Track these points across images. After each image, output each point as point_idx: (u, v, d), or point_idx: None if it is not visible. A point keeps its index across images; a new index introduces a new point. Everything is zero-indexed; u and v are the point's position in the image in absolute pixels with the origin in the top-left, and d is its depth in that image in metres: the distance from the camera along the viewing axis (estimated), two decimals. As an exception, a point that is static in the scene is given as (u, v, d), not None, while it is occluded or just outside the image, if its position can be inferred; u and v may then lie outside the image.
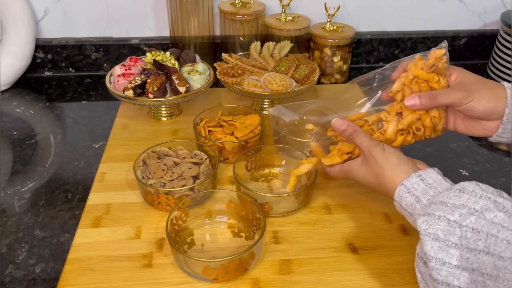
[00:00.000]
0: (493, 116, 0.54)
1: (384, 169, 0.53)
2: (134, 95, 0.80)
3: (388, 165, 0.53)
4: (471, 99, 0.53)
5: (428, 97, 0.55)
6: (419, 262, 0.46)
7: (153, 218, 0.65)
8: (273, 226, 0.64)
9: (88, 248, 0.60)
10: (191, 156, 0.72)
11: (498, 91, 0.53)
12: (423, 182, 0.50)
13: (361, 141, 0.56)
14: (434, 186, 0.49)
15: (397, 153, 0.55)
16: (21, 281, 0.57)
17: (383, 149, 0.55)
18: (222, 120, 0.80)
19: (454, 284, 0.42)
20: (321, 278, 0.57)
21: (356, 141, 0.57)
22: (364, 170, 0.56)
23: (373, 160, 0.55)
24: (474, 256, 0.41)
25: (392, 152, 0.54)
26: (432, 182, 0.50)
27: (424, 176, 0.51)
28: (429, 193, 0.49)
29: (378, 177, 0.54)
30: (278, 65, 0.87)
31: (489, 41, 1.12)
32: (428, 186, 0.50)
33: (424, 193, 0.49)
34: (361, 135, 0.56)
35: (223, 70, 0.86)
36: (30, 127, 0.87)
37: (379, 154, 0.54)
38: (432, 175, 0.51)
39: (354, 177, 0.58)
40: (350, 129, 0.57)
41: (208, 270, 0.54)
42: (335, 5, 1.01)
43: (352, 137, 0.57)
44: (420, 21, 1.10)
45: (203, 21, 0.97)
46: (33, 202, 0.69)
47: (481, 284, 0.40)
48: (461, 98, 0.53)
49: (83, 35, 1.04)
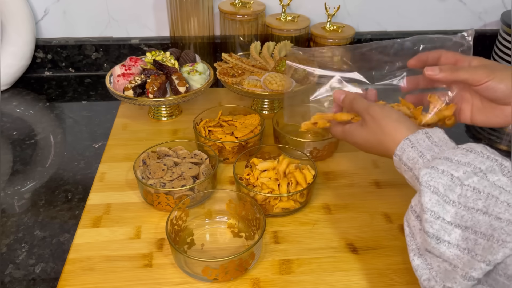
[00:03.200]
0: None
1: (383, 125, 0.52)
2: (134, 95, 0.80)
3: (389, 121, 0.52)
4: (492, 77, 0.52)
5: (449, 69, 0.54)
6: (411, 215, 0.46)
7: (153, 218, 0.65)
8: (273, 226, 0.64)
9: (88, 248, 0.60)
10: (191, 156, 0.72)
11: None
12: (429, 139, 0.49)
13: (359, 105, 0.56)
14: (440, 145, 0.48)
15: (398, 111, 0.54)
16: (21, 281, 0.57)
17: (382, 107, 0.54)
18: (222, 120, 0.80)
19: (444, 239, 0.41)
20: (321, 278, 0.57)
21: (355, 106, 0.57)
22: (362, 131, 0.56)
23: (371, 119, 0.54)
24: (470, 214, 0.41)
25: (392, 110, 0.54)
26: (438, 140, 0.49)
27: (431, 133, 0.49)
28: (434, 150, 0.47)
29: (378, 135, 0.53)
30: (278, 65, 0.87)
31: (489, 41, 1.12)
32: (433, 143, 0.48)
33: (429, 149, 0.48)
34: (360, 100, 0.57)
35: (223, 70, 0.86)
36: (30, 127, 0.87)
37: (377, 111, 0.54)
38: (439, 134, 0.49)
39: (353, 139, 0.58)
40: (349, 96, 0.58)
41: (208, 270, 0.54)
42: (335, 5, 1.01)
43: (351, 104, 0.58)
44: (420, 21, 1.10)
45: (203, 21, 0.97)
46: (33, 202, 0.69)
47: (472, 241, 0.40)
48: (481, 74, 0.52)
49: (83, 35, 1.04)
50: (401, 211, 0.67)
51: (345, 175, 0.74)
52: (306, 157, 0.72)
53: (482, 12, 1.10)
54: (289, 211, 0.65)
